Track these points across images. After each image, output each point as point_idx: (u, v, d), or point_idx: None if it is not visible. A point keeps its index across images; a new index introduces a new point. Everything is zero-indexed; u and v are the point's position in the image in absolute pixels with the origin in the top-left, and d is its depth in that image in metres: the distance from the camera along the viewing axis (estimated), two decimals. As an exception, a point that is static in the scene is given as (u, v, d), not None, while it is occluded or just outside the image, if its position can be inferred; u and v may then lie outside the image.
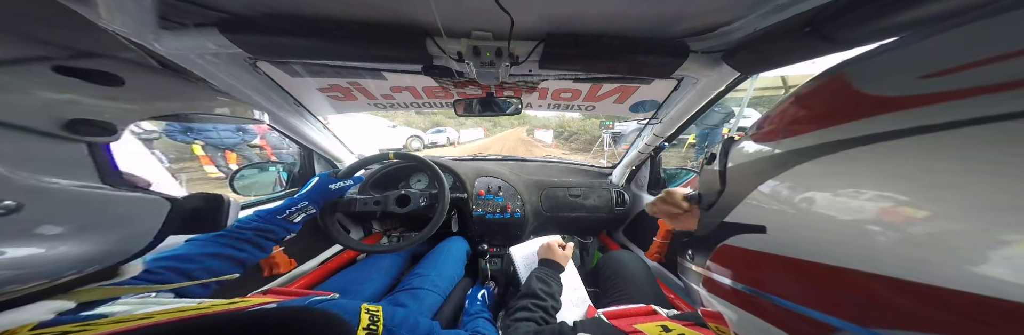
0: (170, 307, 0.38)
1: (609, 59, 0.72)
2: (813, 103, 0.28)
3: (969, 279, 0.15)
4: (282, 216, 0.82)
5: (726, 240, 0.31)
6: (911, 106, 0.19)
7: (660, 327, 0.53)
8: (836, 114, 0.24)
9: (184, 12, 0.62)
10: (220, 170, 5.98)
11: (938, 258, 0.16)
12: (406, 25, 0.67)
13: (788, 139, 0.27)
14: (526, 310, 0.75)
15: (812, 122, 0.25)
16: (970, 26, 0.20)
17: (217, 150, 5.79)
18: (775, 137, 0.29)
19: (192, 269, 0.59)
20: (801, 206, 0.24)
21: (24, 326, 0.28)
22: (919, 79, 0.20)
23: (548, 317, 0.76)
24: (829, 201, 0.22)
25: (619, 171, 1.58)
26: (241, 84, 0.88)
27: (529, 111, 1.46)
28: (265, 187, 1.26)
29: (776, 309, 0.25)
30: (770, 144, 0.29)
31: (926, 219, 0.17)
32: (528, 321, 0.72)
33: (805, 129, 0.25)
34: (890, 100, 0.20)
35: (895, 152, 0.19)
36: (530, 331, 0.65)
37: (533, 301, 0.78)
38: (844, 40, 0.46)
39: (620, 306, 0.79)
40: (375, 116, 11.67)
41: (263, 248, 0.76)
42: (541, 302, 0.78)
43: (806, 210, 0.23)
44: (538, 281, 0.85)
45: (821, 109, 0.26)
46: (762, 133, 0.32)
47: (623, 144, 10.35)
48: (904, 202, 0.18)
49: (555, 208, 1.51)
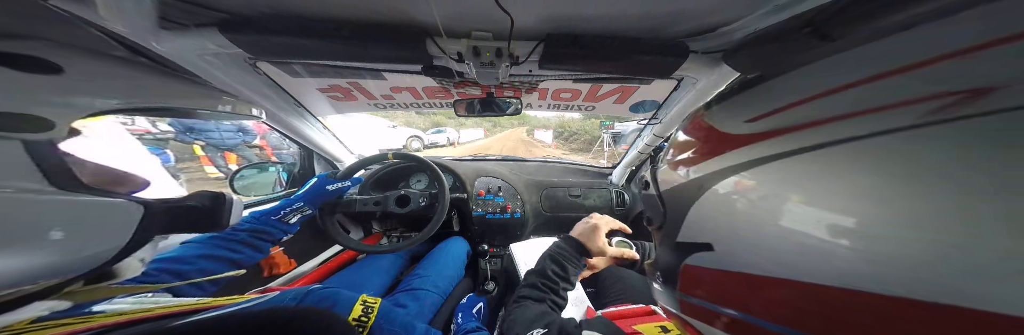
0: (171, 303, 0.38)
1: (609, 59, 0.72)
2: (696, 136, 0.35)
3: (825, 273, 0.19)
4: (277, 217, 0.81)
5: (686, 260, 0.32)
6: (747, 143, 0.26)
7: (659, 328, 0.53)
8: (714, 145, 0.30)
9: (184, 12, 0.62)
10: (220, 170, 5.99)
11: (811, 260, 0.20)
12: (406, 25, 0.67)
13: (695, 167, 0.32)
14: (535, 289, 0.66)
15: (705, 152, 0.31)
16: (768, 84, 0.29)
17: (217, 150, 5.80)
18: (687, 164, 0.33)
19: (187, 270, 0.60)
20: (728, 222, 0.27)
21: (21, 321, 0.28)
22: (744, 122, 0.27)
23: (557, 301, 0.66)
24: (746, 216, 0.25)
25: (619, 171, 1.57)
26: (241, 84, 0.88)
27: (529, 111, 1.46)
28: (265, 187, 1.26)
29: (747, 326, 0.25)
30: (683, 170, 0.34)
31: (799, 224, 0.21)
32: (539, 302, 0.63)
33: (703, 157, 0.31)
34: (736, 137, 0.27)
35: (761, 175, 0.24)
36: (539, 314, 0.56)
37: (543, 281, 0.68)
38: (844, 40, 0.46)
39: (619, 307, 0.78)
40: (375, 116, 11.67)
41: (259, 249, 0.76)
42: (552, 284, 0.67)
43: (733, 226, 0.26)
44: (552, 262, 0.70)
45: (703, 141, 0.33)
46: (675, 161, 0.36)
47: (623, 144, 10.34)
48: (795, 213, 0.22)
49: (555, 208, 1.51)
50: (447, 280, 1.10)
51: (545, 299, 0.64)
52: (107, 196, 0.31)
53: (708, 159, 0.30)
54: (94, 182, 0.31)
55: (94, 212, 0.30)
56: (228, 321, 0.33)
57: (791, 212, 0.22)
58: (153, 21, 0.58)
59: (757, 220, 0.24)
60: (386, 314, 0.48)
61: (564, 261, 0.70)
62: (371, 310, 0.46)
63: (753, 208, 0.24)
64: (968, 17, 0.17)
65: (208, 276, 0.61)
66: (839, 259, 0.18)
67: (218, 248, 0.68)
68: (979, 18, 0.17)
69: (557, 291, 0.67)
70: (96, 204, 0.30)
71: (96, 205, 0.30)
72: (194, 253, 0.64)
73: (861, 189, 0.18)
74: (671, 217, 0.35)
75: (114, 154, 2.84)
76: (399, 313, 0.52)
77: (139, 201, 0.33)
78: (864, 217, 0.18)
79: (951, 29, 0.18)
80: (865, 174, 0.18)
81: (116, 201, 0.31)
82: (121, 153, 2.92)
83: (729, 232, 0.27)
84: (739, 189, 0.26)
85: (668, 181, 0.37)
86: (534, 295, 0.64)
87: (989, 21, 0.16)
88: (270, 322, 0.34)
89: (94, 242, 0.30)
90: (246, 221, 0.78)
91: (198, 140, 5.55)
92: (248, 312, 0.36)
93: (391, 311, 0.50)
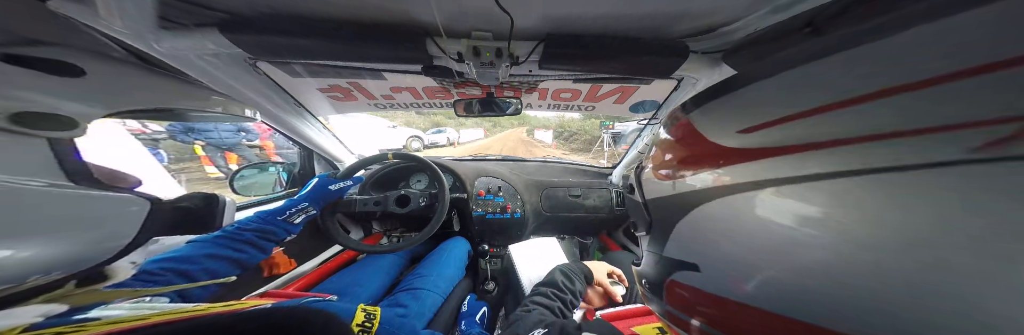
0: (166, 309, 0.38)
1: (609, 59, 0.72)
2: (682, 140, 0.30)
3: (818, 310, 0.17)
4: (282, 217, 0.81)
5: (672, 276, 0.30)
6: (741, 160, 0.22)
7: (656, 329, 0.53)
8: (699, 158, 0.26)
9: (184, 12, 0.62)
10: (220, 170, 5.99)
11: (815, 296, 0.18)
12: (406, 25, 0.67)
13: (682, 180, 0.28)
14: (544, 296, 0.68)
15: (692, 162, 0.27)
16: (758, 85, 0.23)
17: (217, 150, 5.81)
18: (673, 175, 0.30)
19: (192, 270, 0.59)
20: (716, 246, 0.24)
21: (13, 329, 0.28)
22: (737, 133, 0.23)
23: (566, 310, 0.69)
24: (741, 242, 0.22)
25: (619, 171, 1.57)
26: (241, 84, 0.88)
27: (529, 111, 1.46)
28: (265, 187, 1.26)
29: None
30: (668, 182, 0.30)
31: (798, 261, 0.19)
32: (547, 308, 0.65)
33: (690, 169, 0.27)
34: (728, 151, 0.23)
35: (753, 202, 0.21)
36: (540, 321, 0.58)
37: (553, 290, 0.71)
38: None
39: (617, 307, 0.79)
40: (375, 116, 11.66)
41: (263, 249, 0.76)
42: (561, 294, 0.71)
43: (722, 250, 0.24)
44: (562, 275, 0.76)
45: (689, 148, 0.29)
46: (660, 167, 0.32)
47: (623, 144, 10.34)
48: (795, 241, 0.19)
49: (555, 208, 1.51)
50: (447, 280, 1.10)
51: (554, 306, 0.66)
52: (118, 192, 0.32)
53: (696, 172, 0.26)
54: (103, 178, 0.32)
55: (110, 206, 0.31)
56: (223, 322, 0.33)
57: (804, 244, 0.18)
58: (153, 21, 0.58)
59: (754, 248, 0.21)
60: (388, 321, 0.48)
61: (573, 275, 0.77)
62: (373, 317, 0.46)
63: (750, 236, 0.21)
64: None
65: (212, 276, 0.61)
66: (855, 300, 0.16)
67: (224, 248, 0.68)
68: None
69: (566, 302, 0.69)
70: (111, 199, 0.31)
71: (111, 200, 0.31)
72: (201, 252, 0.64)
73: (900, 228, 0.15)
74: (657, 229, 0.33)
75: (117, 152, 2.85)
76: (401, 321, 0.51)
77: (147, 197, 0.35)
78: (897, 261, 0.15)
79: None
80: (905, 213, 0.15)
81: (127, 196, 0.33)
82: (123, 152, 2.93)
83: (718, 256, 0.24)
84: (734, 212, 0.23)
85: (654, 190, 0.34)
86: (543, 302, 0.66)
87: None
88: (268, 323, 0.34)
89: (110, 234, 0.31)
90: (252, 221, 0.78)
91: (198, 140, 5.55)
92: (245, 312, 0.36)
93: (393, 319, 0.50)
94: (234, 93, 0.89)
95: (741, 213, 0.22)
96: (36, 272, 0.27)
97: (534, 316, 0.58)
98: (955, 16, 0.15)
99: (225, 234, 0.71)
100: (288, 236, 0.82)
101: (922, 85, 0.15)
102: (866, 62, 0.18)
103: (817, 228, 0.18)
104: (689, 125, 0.28)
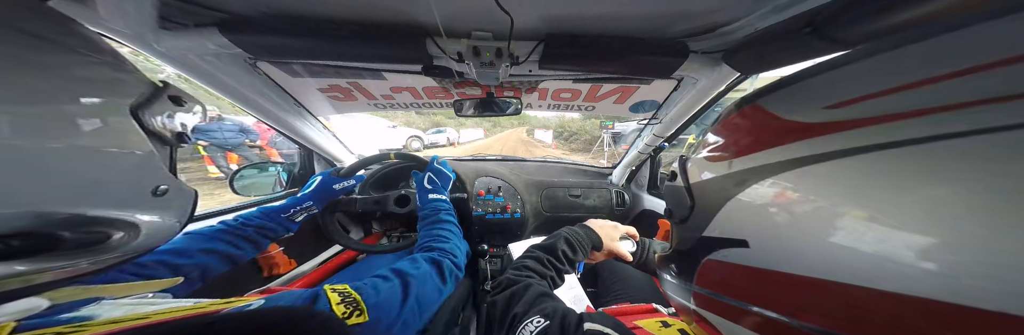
0: (166, 307, 0.38)
1: (609, 59, 0.72)
2: (746, 127, 0.31)
3: (923, 284, 0.17)
4: (286, 215, 0.81)
5: (710, 255, 0.31)
6: (825, 132, 0.23)
7: (660, 322, 0.53)
8: (772, 137, 0.27)
9: (184, 12, 0.62)
10: (221, 170, 6.01)
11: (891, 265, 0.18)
12: (406, 25, 0.67)
13: (738, 159, 0.29)
14: (540, 263, 0.63)
15: (756, 144, 0.28)
16: (858, 64, 0.24)
17: (219, 150, 5.82)
18: (726, 157, 0.31)
19: (182, 264, 0.58)
20: (774, 220, 0.25)
21: (2, 327, 0.27)
22: (825, 109, 0.24)
23: (557, 280, 0.64)
24: (795, 215, 0.23)
25: (619, 171, 1.57)
26: (241, 85, 0.88)
27: (529, 111, 1.46)
28: (265, 187, 1.26)
29: (770, 323, 0.25)
30: (723, 163, 0.31)
31: (874, 229, 0.19)
32: (540, 276, 0.60)
33: (751, 150, 0.28)
34: (809, 126, 0.24)
35: (830, 171, 0.22)
36: (537, 301, 0.51)
37: (551, 258, 0.65)
38: (844, 40, 0.45)
39: (620, 305, 0.78)
40: (375, 116, 11.68)
41: (259, 246, 0.75)
42: (558, 264, 0.65)
43: (778, 224, 0.24)
44: (565, 244, 0.67)
45: (755, 133, 0.30)
46: (712, 154, 0.34)
47: (623, 144, 10.34)
48: (855, 214, 0.20)
49: (555, 208, 1.51)
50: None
51: (547, 276, 0.62)
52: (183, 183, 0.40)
53: (757, 151, 0.27)
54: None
55: (186, 192, 0.40)
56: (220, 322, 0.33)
57: (872, 217, 0.19)
58: (153, 21, 0.58)
59: (819, 223, 0.21)
60: (361, 288, 0.46)
61: (577, 246, 0.68)
62: (348, 293, 0.44)
63: (817, 210, 0.22)
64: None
65: (202, 271, 0.60)
66: (916, 268, 0.17)
67: (222, 242, 0.67)
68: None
69: (561, 271, 0.65)
70: (186, 187, 0.40)
71: (185, 187, 0.40)
72: (197, 246, 0.62)
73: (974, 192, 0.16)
74: (700, 210, 0.34)
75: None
76: (377, 283, 0.49)
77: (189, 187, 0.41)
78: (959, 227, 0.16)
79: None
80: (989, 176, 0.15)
81: (189, 187, 0.41)
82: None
83: (774, 232, 0.25)
84: (801, 186, 0.23)
85: (702, 173, 0.35)
86: (538, 269, 0.62)
87: None
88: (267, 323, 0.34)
89: (184, 214, 0.40)
90: (256, 216, 0.77)
91: (201, 140, 5.57)
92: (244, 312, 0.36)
93: (364, 287, 0.47)
94: (234, 93, 0.89)
95: (822, 182, 0.22)
96: (163, 240, 0.38)
97: (532, 290, 0.53)
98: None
99: (227, 227, 0.70)
100: (286, 234, 0.82)
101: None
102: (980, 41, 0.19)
103: (910, 193, 0.18)
104: (758, 108, 0.30)
